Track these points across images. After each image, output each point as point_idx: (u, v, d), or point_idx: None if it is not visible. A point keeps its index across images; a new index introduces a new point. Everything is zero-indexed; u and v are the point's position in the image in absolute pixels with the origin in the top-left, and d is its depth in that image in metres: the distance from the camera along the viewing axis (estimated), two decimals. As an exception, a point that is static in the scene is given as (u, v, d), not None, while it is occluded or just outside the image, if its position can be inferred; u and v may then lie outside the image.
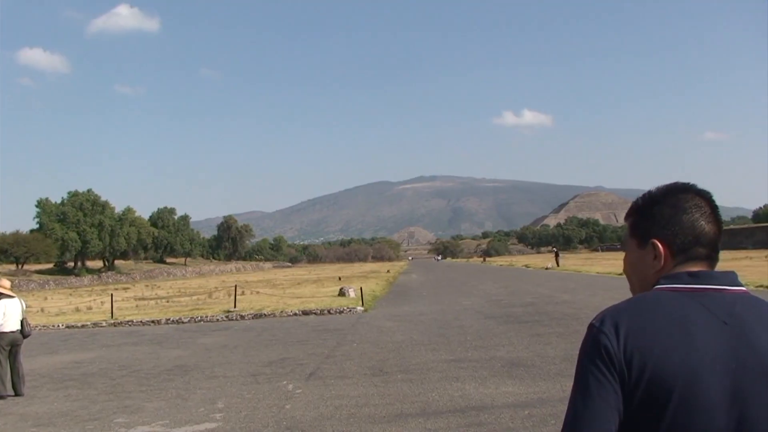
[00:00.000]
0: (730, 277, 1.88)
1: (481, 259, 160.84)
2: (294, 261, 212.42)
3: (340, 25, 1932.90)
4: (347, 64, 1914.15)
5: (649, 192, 2.01)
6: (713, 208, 1.94)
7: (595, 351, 1.76)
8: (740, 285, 1.86)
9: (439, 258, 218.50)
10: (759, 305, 1.83)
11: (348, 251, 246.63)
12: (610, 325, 1.78)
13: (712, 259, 1.92)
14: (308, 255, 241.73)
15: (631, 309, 1.82)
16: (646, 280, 1.94)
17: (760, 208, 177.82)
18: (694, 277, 1.86)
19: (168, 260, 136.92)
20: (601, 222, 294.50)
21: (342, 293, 32.03)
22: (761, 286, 25.69)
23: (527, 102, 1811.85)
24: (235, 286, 31.12)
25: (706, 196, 1.95)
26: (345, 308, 25.13)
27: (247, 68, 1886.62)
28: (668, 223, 1.92)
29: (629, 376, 1.71)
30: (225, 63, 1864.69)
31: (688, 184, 1.99)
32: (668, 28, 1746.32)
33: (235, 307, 27.30)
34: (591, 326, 1.81)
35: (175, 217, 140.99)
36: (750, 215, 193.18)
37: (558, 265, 61.93)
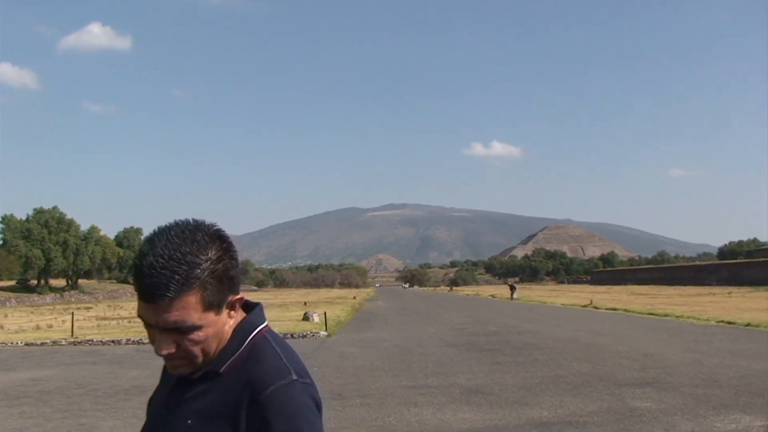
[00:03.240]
0: None
1: (448, 288, 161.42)
2: (261, 285, 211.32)
3: (312, 51, 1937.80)
4: (319, 90, 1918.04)
5: (187, 254, 1.69)
6: None
7: (317, 407, 1.76)
8: None
9: (407, 286, 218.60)
10: None
11: (315, 276, 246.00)
12: (309, 377, 1.80)
13: None
14: (275, 279, 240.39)
15: (294, 357, 1.83)
16: (223, 339, 1.81)
17: (725, 245, 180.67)
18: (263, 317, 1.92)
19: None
20: (568, 255, 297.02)
21: (306, 318, 31.95)
22: (722, 321, 26.15)
23: (496, 134, 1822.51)
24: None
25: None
26: (308, 333, 25.07)
27: (218, 91, 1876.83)
28: (235, 276, 1.80)
29: None
30: (197, 84, 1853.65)
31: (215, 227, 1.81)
32: (636, 68, 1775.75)
33: (197, 329, 27.10)
34: (295, 382, 1.73)
35: (142, 238, 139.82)
36: (715, 252, 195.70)
37: (512, 299, 63.16)
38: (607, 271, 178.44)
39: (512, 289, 69.36)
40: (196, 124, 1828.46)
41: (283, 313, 40.87)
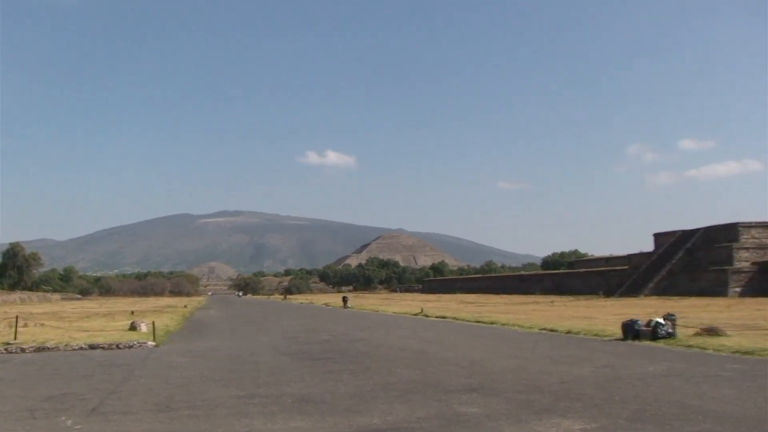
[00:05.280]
0: None
1: (282, 296, 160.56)
2: (85, 293, 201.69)
3: (136, 49, 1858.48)
4: (147, 90, 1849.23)
5: None
6: None
7: None
8: None
9: (240, 294, 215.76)
10: None
11: (144, 285, 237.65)
12: None
13: None
14: (101, 287, 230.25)
15: None
16: None
17: (549, 256, 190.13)
18: None
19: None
20: (401, 264, 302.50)
21: (133, 327, 30.82)
22: (545, 328, 27.47)
23: (330, 142, 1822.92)
24: (17, 318, 29.22)
25: None
26: (135, 343, 24.20)
27: (35, 89, 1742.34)
28: None
29: None
30: (12, 81, 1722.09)
31: None
32: (464, 79, 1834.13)
33: (15, 339, 25.57)
34: None
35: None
36: (539, 262, 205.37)
37: (345, 307, 64.25)
38: (437, 280, 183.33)
39: (345, 300, 70.54)
40: (12, 123, 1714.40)
41: (108, 322, 39.25)
